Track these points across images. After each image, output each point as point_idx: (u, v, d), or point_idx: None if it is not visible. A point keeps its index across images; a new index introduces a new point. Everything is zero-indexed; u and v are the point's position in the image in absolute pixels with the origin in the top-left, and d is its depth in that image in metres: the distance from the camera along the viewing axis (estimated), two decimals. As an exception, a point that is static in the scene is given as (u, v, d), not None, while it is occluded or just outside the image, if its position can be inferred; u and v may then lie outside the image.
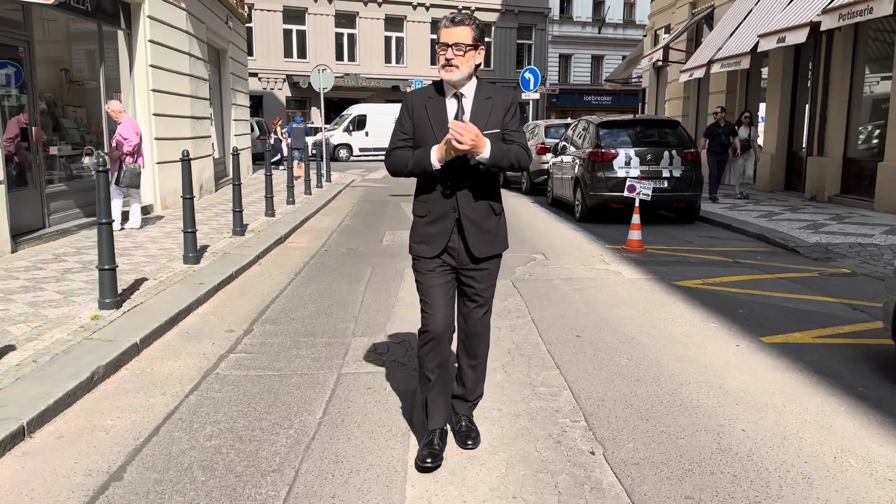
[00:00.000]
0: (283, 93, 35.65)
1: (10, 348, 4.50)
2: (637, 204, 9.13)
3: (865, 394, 4.08)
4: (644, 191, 9.15)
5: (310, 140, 23.14)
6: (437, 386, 3.22)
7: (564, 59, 41.71)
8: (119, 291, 5.62)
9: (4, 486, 3.02)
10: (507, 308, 5.95)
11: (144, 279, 6.55)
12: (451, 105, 3.09)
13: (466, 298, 3.30)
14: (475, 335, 3.34)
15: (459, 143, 2.86)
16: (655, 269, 7.68)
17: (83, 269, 7.01)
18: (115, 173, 8.93)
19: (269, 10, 34.28)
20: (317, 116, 34.77)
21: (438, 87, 3.15)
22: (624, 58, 33.90)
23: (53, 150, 9.40)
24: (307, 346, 4.94)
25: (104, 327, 4.99)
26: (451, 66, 3.00)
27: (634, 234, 9.02)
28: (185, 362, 4.62)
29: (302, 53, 35.50)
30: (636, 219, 9.08)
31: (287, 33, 35.22)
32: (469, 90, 3.10)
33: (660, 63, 21.64)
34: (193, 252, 7.39)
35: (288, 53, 35.35)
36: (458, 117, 3.04)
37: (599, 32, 41.62)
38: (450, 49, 2.98)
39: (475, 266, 3.21)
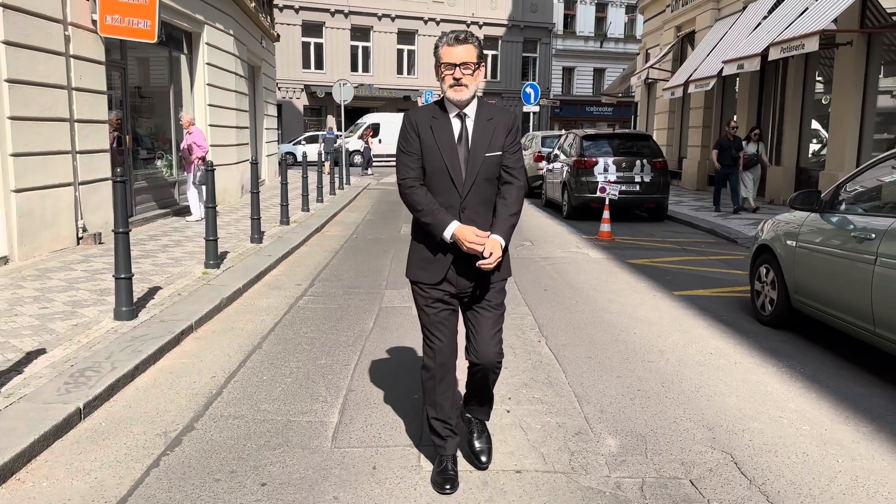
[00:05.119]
0: (301, 102, 38.00)
1: (159, 288, 6.70)
2: (607, 202, 11.29)
3: (727, 320, 6.23)
4: (612, 191, 11.32)
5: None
6: (444, 413, 3.21)
7: (567, 72, 43.91)
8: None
9: (193, 350, 5.20)
10: (497, 274, 8.11)
11: (227, 252, 8.74)
12: (456, 125, 3.04)
13: (475, 325, 3.13)
14: (486, 376, 3.18)
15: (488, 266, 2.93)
16: (616, 252, 9.83)
17: (176, 245, 9.21)
18: (189, 173, 11.16)
19: (289, 24, 36.61)
20: (331, 124, 37.16)
21: (441, 107, 3.07)
22: (624, 70, 36.04)
23: (139, 154, 11.65)
24: (355, 294, 7.12)
25: (215, 278, 7.18)
26: (460, 85, 2.96)
27: (605, 227, 11.18)
28: (274, 300, 6.81)
29: (319, 65, 37.90)
30: (606, 214, 11.25)
31: (305, 46, 37.60)
32: (471, 110, 3.04)
33: (650, 80, 23.82)
34: (258, 234, 9.59)
35: (306, 65, 37.74)
36: (463, 139, 3.03)
37: (601, 46, 43.77)
38: (457, 69, 2.94)
39: (479, 285, 3.11)
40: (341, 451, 3.55)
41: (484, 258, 2.93)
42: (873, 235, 4.70)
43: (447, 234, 2.95)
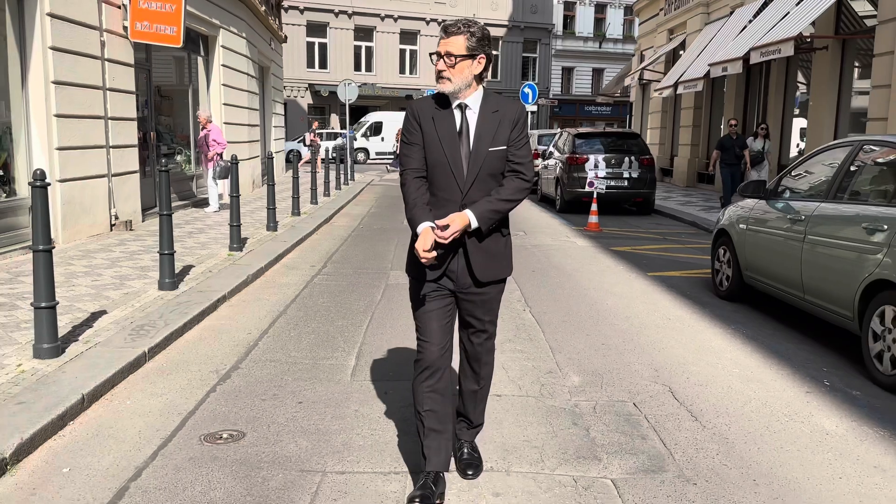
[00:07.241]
0: (306, 100, 38.92)
1: (192, 266, 7.61)
2: (595, 196, 12.19)
3: (690, 295, 7.12)
4: (600, 186, 12.22)
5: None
6: (434, 425, 3.00)
7: (567, 72, 44.83)
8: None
9: (227, 316, 6.09)
10: (491, 258, 9.02)
11: (246, 238, 9.64)
12: (457, 117, 2.94)
13: (467, 326, 3.14)
14: (476, 360, 3.17)
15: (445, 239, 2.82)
16: (602, 241, 10.72)
17: (200, 233, 10.12)
18: (208, 169, 12.06)
19: (293, 24, 37.51)
20: (335, 123, 38.15)
21: (442, 98, 2.97)
22: (620, 71, 36.90)
23: (160, 150, 12.57)
24: (364, 273, 8.01)
25: (239, 259, 8.09)
26: (441, 77, 2.87)
27: (593, 218, 12.08)
28: (292, 278, 7.70)
29: (323, 64, 38.85)
30: (594, 207, 12.14)
31: (310, 45, 38.54)
32: (474, 101, 2.93)
33: (644, 81, 24.72)
34: (273, 223, 10.49)
35: (310, 64, 38.68)
36: (463, 131, 2.92)
37: (600, 47, 44.67)
38: (441, 60, 2.85)
39: (476, 291, 3.04)
40: (359, 382, 4.46)
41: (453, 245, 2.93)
42: (803, 217, 5.60)
43: (418, 230, 2.85)
